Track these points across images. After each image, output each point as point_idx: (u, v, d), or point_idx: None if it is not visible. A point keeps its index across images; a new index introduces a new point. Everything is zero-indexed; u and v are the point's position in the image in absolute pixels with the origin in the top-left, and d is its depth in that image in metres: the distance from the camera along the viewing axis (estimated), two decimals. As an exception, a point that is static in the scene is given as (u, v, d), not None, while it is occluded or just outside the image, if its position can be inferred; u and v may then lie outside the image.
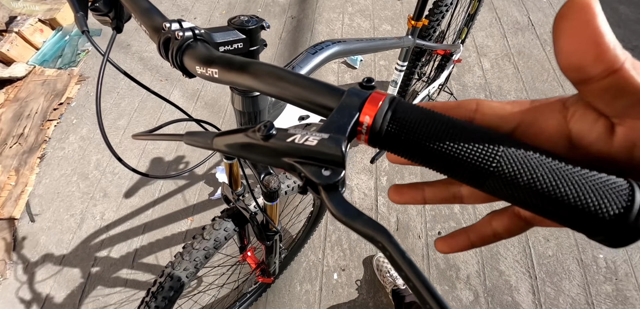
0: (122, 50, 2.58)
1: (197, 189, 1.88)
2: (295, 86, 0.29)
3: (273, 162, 0.26)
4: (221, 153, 0.36)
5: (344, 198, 0.22)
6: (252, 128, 0.27)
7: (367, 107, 0.25)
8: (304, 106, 0.30)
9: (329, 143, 0.23)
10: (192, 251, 0.94)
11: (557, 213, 0.20)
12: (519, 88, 2.33)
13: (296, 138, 0.24)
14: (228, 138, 0.30)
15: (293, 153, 0.24)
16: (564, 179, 0.20)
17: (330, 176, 0.23)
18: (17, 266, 1.67)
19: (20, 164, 1.98)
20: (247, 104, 0.57)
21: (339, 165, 0.23)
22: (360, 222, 0.21)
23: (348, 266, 1.64)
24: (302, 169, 0.24)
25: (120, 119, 2.20)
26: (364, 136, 0.25)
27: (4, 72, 2.36)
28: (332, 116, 0.25)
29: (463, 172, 0.22)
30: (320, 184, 0.23)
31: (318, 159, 0.24)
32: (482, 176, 0.22)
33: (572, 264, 1.64)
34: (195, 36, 0.42)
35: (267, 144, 0.26)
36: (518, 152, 0.21)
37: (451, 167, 0.23)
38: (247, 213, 0.95)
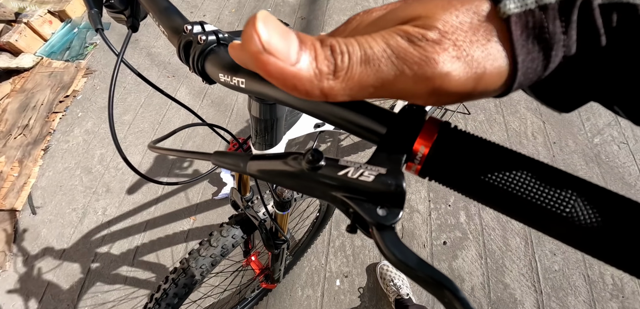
0: (130, 45, 2.57)
1: (201, 188, 1.86)
2: (335, 105, 0.26)
3: (316, 195, 0.24)
4: (254, 178, 0.31)
5: (400, 240, 0.19)
6: (294, 155, 0.24)
7: (423, 136, 0.22)
8: (345, 127, 0.27)
9: (387, 180, 0.20)
10: (199, 258, 0.91)
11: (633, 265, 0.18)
12: (529, 98, 2.29)
13: (349, 172, 0.21)
14: (265, 164, 0.27)
15: (344, 188, 0.22)
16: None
17: (386, 217, 0.20)
18: (17, 258, 1.65)
19: (24, 156, 1.97)
20: (265, 112, 0.54)
21: (398, 205, 0.20)
22: (421, 270, 0.18)
23: (351, 272, 1.61)
24: (354, 207, 0.21)
25: (126, 114, 2.19)
26: (416, 167, 0.22)
27: (12, 62, 2.35)
28: (383, 144, 0.23)
29: (528, 215, 0.20)
30: (374, 225, 0.20)
31: (374, 197, 0.21)
32: (550, 220, 0.19)
33: (578, 279, 1.61)
34: (218, 41, 0.39)
35: (313, 176, 0.23)
36: (595, 198, 0.18)
37: (515, 208, 0.20)
38: (256, 220, 0.92)
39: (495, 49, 0.18)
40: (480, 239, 1.69)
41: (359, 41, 0.17)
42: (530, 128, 2.10)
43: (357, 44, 0.17)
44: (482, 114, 2.14)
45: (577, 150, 2.00)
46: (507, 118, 2.14)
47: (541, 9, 0.17)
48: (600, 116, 2.17)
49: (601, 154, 1.99)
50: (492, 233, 1.71)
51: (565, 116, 2.18)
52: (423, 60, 0.17)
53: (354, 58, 0.17)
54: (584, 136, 2.07)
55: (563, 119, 2.15)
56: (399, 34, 0.18)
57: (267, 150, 0.61)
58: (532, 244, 1.68)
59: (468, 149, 0.21)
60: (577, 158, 1.96)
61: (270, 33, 0.16)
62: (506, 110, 2.19)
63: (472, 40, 0.17)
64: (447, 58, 0.17)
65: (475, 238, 1.70)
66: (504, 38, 0.18)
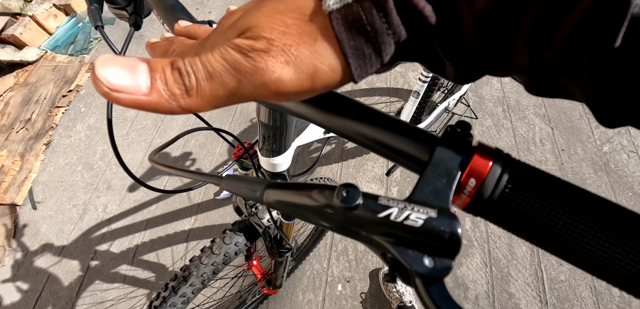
0: (134, 41, 2.55)
1: (203, 188, 1.84)
2: (371, 128, 0.23)
3: (350, 236, 0.20)
4: (271, 207, 0.27)
5: (449, 294, 0.17)
6: (320, 188, 0.21)
7: (474, 168, 0.19)
8: (385, 154, 0.24)
9: (440, 225, 0.17)
10: (200, 266, 0.88)
11: None
12: (537, 103, 2.26)
13: (392, 213, 0.18)
14: (286, 195, 0.23)
15: (386, 233, 0.18)
16: None
17: (435, 269, 0.17)
18: (16, 253, 1.64)
19: (25, 150, 1.96)
20: (274, 118, 0.51)
21: (450, 256, 0.17)
22: None
23: (353, 277, 1.59)
24: (396, 255, 0.18)
25: (128, 110, 2.17)
26: (464, 200, 0.20)
27: (16, 55, 2.34)
28: (427, 176, 0.20)
29: (600, 268, 0.17)
30: (420, 277, 0.17)
31: (421, 244, 0.18)
32: (624, 278, 0.16)
33: (584, 291, 1.57)
34: None
35: (349, 216, 0.19)
36: None
37: (586, 260, 0.17)
38: (261, 228, 0.89)
39: (322, 47, 0.18)
40: (486, 247, 1.66)
41: (201, 60, 0.18)
42: (538, 134, 2.07)
43: (201, 63, 0.18)
44: (490, 119, 2.11)
45: (586, 158, 1.96)
46: (515, 124, 2.11)
47: (357, 1, 0.17)
48: (610, 124, 2.13)
49: (610, 162, 1.95)
50: (498, 241, 1.68)
51: (575, 122, 2.14)
52: (254, 70, 0.18)
53: (199, 76, 0.18)
54: (593, 144, 2.03)
55: (572, 126, 2.12)
56: (232, 48, 0.18)
57: (275, 157, 0.59)
58: (539, 254, 1.65)
59: (532, 188, 0.18)
60: (585, 166, 1.93)
61: (113, 73, 0.17)
62: (514, 115, 2.16)
63: (299, 42, 0.18)
64: (276, 64, 0.18)
65: (481, 245, 1.67)
66: (330, 35, 0.18)
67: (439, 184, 0.19)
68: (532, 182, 0.18)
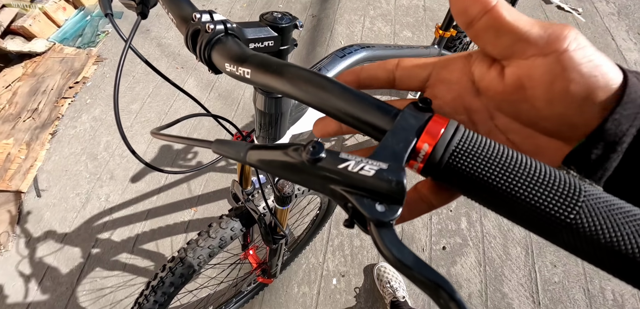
0: (141, 35, 2.59)
1: (203, 179, 1.87)
2: (340, 100, 0.26)
3: (316, 188, 0.23)
4: (254, 168, 0.31)
5: (398, 238, 0.19)
6: (294, 146, 0.24)
7: (427, 134, 0.22)
8: (349, 123, 0.26)
9: (388, 175, 0.20)
10: (197, 248, 0.91)
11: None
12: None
13: (349, 165, 0.21)
14: (264, 154, 0.27)
15: (344, 182, 0.21)
16: None
17: (385, 213, 0.19)
18: (19, 239, 1.67)
19: (31, 139, 2.00)
20: (270, 105, 0.54)
21: (397, 202, 0.20)
22: (418, 269, 0.17)
23: (348, 272, 1.61)
24: (353, 202, 0.20)
25: (133, 103, 2.20)
26: (418, 165, 0.22)
27: (25, 46, 2.39)
28: (385, 140, 0.22)
29: (533, 221, 0.19)
30: (372, 221, 0.20)
31: (373, 193, 0.20)
32: (556, 227, 0.19)
33: (578, 293, 1.58)
34: (226, 30, 0.39)
35: (313, 168, 0.22)
36: (601, 204, 0.18)
37: (518, 213, 0.20)
38: (256, 214, 0.92)
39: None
40: (481, 247, 1.68)
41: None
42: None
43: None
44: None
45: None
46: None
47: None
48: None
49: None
50: (493, 240, 1.70)
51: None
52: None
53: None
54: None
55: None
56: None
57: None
58: (533, 255, 1.66)
59: (473, 149, 0.21)
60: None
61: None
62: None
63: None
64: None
65: (476, 244, 1.68)
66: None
67: (397, 148, 0.22)
68: (476, 147, 0.21)
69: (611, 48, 2.72)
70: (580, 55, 0.21)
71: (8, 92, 2.21)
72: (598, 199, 0.18)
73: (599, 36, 2.81)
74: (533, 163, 0.20)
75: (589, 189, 0.19)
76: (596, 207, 0.18)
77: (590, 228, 0.18)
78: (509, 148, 0.21)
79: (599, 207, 0.18)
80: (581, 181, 0.19)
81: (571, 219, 0.18)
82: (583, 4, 3.08)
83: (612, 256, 0.17)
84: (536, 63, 0.22)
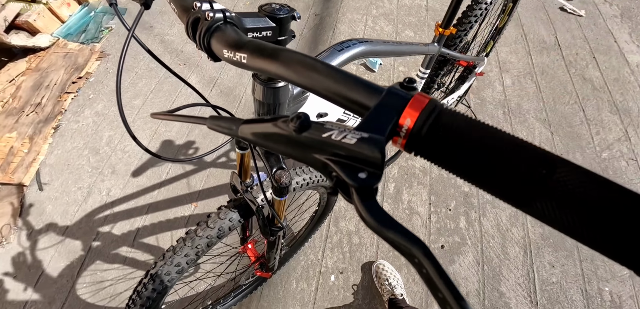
0: (145, 31, 2.61)
1: (204, 175, 1.88)
2: (329, 79, 0.27)
3: (302, 157, 0.24)
4: (245, 142, 0.33)
5: (379, 204, 0.20)
6: (284, 118, 0.25)
7: (409, 110, 0.23)
8: (337, 101, 0.27)
9: (369, 144, 0.21)
10: (195, 238, 0.92)
11: (614, 247, 0.17)
12: (538, 108, 2.27)
13: (333, 134, 0.22)
14: (256, 127, 0.28)
15: (327, 150, 0.22)
16: (623, 208, 0.17)
17: (366, 180, 0.20)
18: (21, 232, 1.69)
19: (34, 133, 2.02)
20: (268, 95, 0.55)
21: (378, 168, 0.21)
22: (394, 232, 0.18)
23: (346, 269, 1.61)
24: (336, 169, 0.21)
25: (136, 98, 2.22)
26: (402, 140, 0.23)
27: (29, 41, 2.41)
28: (370, 115, 0.23)
29: (509, 190, 0.20)
30: (354, 187, 0.20)
31: (355, 160, 0.21)
32: (531, 196, 0.19)
33: (575, 294, 1.58)
34: (225, 19, 0.40)
35: (299, 138, 0.23)
36: (573, 172, 0.19)
37: (496, 184, 0.20)
38: (254, 206, 0.93)
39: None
40: (479, 246, 1.68)
41: None
42: (538, 138, 2.08)
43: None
44: (490, 121, 2.12)
45: (584, 163, 1.97)
46: (515, 126, 2.12)
47: None
48: (610, 131, 2.14)
49: (609, 169, 1.96)
50: (491, 240, 1.70)
51: (575, 128, 2.15)
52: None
53: None
54: (592, 150, 2.04)
55: (572, 132, 2.13)
56: None
57: None
58: (531, 255, 1.67)
59: (454, 125, 0.21)
60: (583, 171, 1.93)
61: None
62: (515, 118, 2.17)
63: None
64: None
65: (474, 244, 1.69)
66: None
67: (379, 122, 0.23)
68: (456, 121, 0.21)
69: (613, 50, 2.72)
70: None
71: (12, 87, 2.23)
72: (571, 167, 0.19)
73: (601, 38, 2.80)
74: (507, 135, 0.21)
75: (561, 159, 0.19)
76: (569, 174, 0.18)
77: (563, 194, 0.18)
78: (485, 123, 0.22)
79: (572, 174, 0.18)
80: (554, 154, 0.20)
81: (545, 188, 0.19)
82: (586, 5, 3.08)
83: (585, 222, 0.18)
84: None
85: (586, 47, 2.72)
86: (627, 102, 2.33)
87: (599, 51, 2.69)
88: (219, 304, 1.41)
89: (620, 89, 2.43)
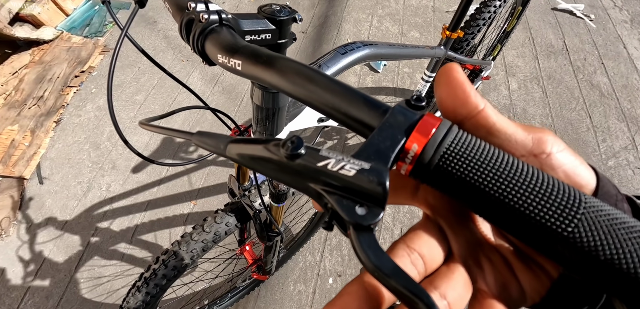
0: (148, 26, 2.60)
1: (204, 173, 1.87)
2: (328, 93, 0.25)
3: (295, 185, 0.22)
4: (232, 160, 0.31)
5: (378, 243, 0.18)
6: (275, 142, 0.22)
7: (417, 133, 0.20)
8: (336, 118, 0.25)
9: (370, 176, 0.19)
10: (190, 242, 0.91)
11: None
12: (544, 113, 2.24)
13: (329, 163, 0.20)
14: (244, 148, 0.26)
15: (322, 180, 0.20)
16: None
17: (365, 216, 0.18)
18: (20, 225, 1.69)
19: (36, 126, 2.02)
20: (266, 100, 0.53)
21: (379, 205, 0.19)
22: (396, 278, 0.16)
23: (345, 272, 1.60)
24: (331, 202, 0.19)
25: (138, 94, 2.21)
26: (407, 166, 0.21)
27: (33, 33, 2.40)
28: (372, 138, 0.21)
29: (527, 231, 0.18)
30: (352, 224, 0.18)
31: (353, 193, 0.19)
32: (551, 239, 0.18)
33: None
34: (221, 21, 0.38)
35: (292, 164, 0.21)
36: (602, 217, 0.17)
37: (512, 222, 0.19)
38: (251, 210, 0.92)
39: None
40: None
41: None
42: (542, 144, 2.05)
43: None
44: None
45: (590, 171, 1.94)
46: (519, 132, 2.09)
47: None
48: (617, 138, 2.10)
49: (614, 177, 1.93)
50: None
51: (581, 134, 2.12)
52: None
53: None
54: (598, 157, 2.01)
55: (578, 138, 2.10)
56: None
57: None
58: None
59: (466, 151, 0.20)
60: (588, 179, 1.90)
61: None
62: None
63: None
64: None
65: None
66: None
67: (383, 146, 0.20)
68: (470, 148, 0.19)
69: (622, 57, 2.68)
70: (562, 158, 0.22)
71: (15, 79, 2.22)
72: (599, 212, 0.17)
73: (610, 44, 2.77)
74: (530, 169, 0.19)
75: (590, 200, 0.18)
76: (597, 220, 0.17)
77: (590, 242, 0.17)
78: (504, 152, 0.20)
79: (601, 220, 0.17)
80: (582, 193, 0.18)
81: (569, 232, 0.17)
82: (595, 10, 3.04)
83: (612, 273, 0.16)
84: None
85: (595, 53, 2.69)
86: (635, 110, 2.30)
87: (608, 57, 2.66)
88: (215, 305, 1.40)
89: (628, 96, 2.39)
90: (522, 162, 0.19)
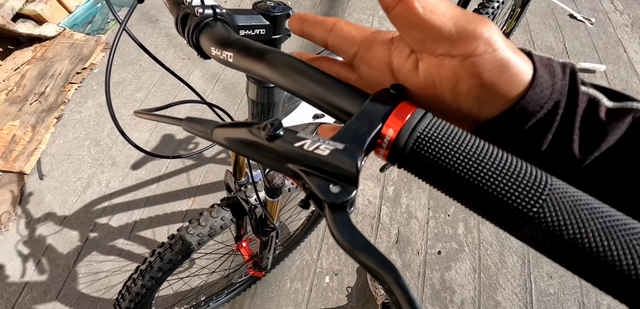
0: (150, 24, 2.61)
1: (203, 171, 1.88)
2: (312, 83, 0.26)
3: (276, 166, 0.23)
4: (220, 146, 0.31)
5: (351, 222, 0.19)
6: (258, 124, 0.24)
7: (393, 119, 0.22)
8: (320, 106, 0.27)
9: (342, 156, 0.20)
10: (186, 236, 0.92)
11: (604, 279, 0.17)
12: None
13: (306, 144, 0.21)
14: (229, 131, 0.27)
15: (299, 160, 0.21)
16: (619, 240, 0.16)
17: (338, 194, 0.19)
18: (20, 220, 1.70)
19: (37, 122, 2.03)
20: (261, 95, 0.54)
21: (351, 183, 0.20)
22: (366, 254, 0.17)
23: (341, 271, 1.61)
24: (307, 181, 0.20)
25: (139, 91, 2.22)
26: (384, 151, 0.22)
27: (35, 30, 2.42)
28: (350, 123, 0.22)
29: (495, 212, 0.19)
30: (326, 202, 0.19)
31: (328, 172, 0.20)
32: (518, 219, 0.18)
33: (573, 306, 1.56)
34: (215, 15, 0.40)
35: (271, 146, 0.22)
36: (566, 199, 0.18)
37: (481, 204, 0.19)
38: (247, 205, 0.93)
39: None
40: (477, 253, 1.67)
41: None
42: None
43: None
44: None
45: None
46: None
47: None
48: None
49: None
50: (490, 248, 1.68)
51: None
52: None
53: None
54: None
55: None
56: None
57: None
58: (529, 265, 1.65)
59: (438, 137, 0.20)
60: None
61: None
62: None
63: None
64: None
65: (472, 251, 1.67)
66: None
67: (360, 131, 0.21)
68: (442, 134, 0.20)
69: (622, 60, 2.68)
70: (486, 60, 0.21)
71: (17, 75, 2.24)
72: (564, 193, 0.18)
73: (610, 47, 2.76)
74: (499, 153, 0.19)
75: (556, 182, 0.18)
76: (561, 201, 0.18)
77: (554, 223, 0.17)
78: (476, 137, 0.20)
79: (565, 201, 0.18)
80: (548, 175, 0.19)
81: (534, 213, 0.18)
82: (596, 14, 3.04)
83: (576, 253, 0.17)
84: (444, 63, 0.22)
85: (595, 56, 2.69)
86: (634, 113, 2.29)
87: (608, 60, 2.65)
88: (211, 301, 1.41)
89: (627, 99, 2.39)
90: (492, 147, 0.20)
